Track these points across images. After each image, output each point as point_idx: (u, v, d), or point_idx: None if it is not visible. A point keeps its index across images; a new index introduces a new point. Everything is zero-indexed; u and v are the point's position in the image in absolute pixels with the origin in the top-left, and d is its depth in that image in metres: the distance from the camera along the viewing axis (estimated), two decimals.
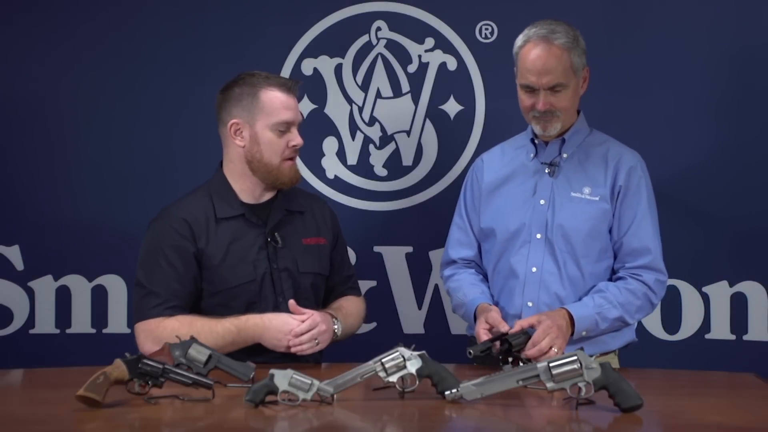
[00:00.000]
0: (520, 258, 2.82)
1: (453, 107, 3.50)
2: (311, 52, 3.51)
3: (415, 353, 2.31)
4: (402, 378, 2.30)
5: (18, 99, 3.54)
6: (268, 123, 2.79)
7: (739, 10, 3.39)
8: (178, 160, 3.52)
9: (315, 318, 2.72)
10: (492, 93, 3.47)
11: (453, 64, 3.49)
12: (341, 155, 3.53)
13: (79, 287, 3.53)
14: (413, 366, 2.29)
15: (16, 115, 3.54)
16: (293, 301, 2.74)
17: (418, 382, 2.30)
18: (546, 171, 2.85)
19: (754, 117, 3.39)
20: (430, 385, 2.30)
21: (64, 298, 3.53)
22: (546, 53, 2.74)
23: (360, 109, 3.52)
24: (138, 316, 2.78)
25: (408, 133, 3.52)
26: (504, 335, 2.60)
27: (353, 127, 3.53)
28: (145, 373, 2.27)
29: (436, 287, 3.50)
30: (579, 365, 2.18)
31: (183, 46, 3.51)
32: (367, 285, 3.46)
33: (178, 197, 2.92)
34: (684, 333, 3.43)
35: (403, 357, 2.30)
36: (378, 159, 3.53)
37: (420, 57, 3.50)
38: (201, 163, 3.43)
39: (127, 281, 3.50)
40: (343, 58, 3.51)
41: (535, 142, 2.87)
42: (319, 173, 3.52)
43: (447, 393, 2.26)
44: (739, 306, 3.41)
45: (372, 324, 3.46)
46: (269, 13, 3.51)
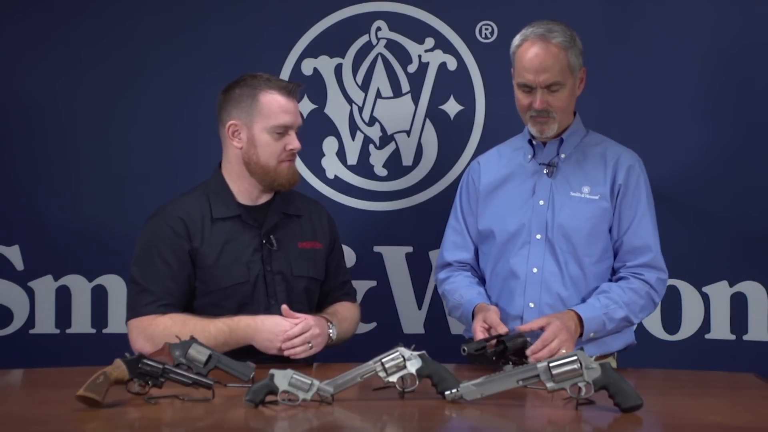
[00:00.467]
0: (520, 259, 2.82)
1: (453, 107, 3.50)
2: (311, 52, 3.51)
3: (415, 353, 2.31)
4: (402, 378, 2.30)
5: (18, 99, 3.54)
6: (265, 126, 2.79)
7: (739, 10, 3.39)
8: (177, 160, 3.52)
9: (308, 321, 2.71)
10: (492, 93, 3.47)
11: (453, 64, 3.49)
12: (341, 155, 3.53)
13: (79, 287, 3.53)
14: (413, 366, 2.29)
15: (16, 115, 3.54)
16: (286, 306, 2.73)
17: (418, 382, 2.30)
18: (544, 171, 2.85)
19: (754, 117, 3.39)
20: (430, 385, 2.30)
21: (64, 298, 3.53)
22: (543, 51, 2.74)
23: (360, 109, 3.52)
24: (131, 312, 2.78)
25: (408, 133, 3.52)
26: (500, 336, 2.59)
27: (353, 127, 3.53)
28: (145, 373, 2.27)
29: (436, 287, 3.49)
30: (579, 365, 2.18)
31: (183, 46, 3.51)
32: (367, 285, 3.47)
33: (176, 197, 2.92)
34: (684, 333, 3.43)
35: (403, 357, 2.30)
36: (378, 159, 3.53)
37: (420, 57, 3.50)
38: (201, 164, 3.43)
39: (127, 281, 3.49)
40: (343, 58, 3.51)
41: (533, 143, 2.87)
42: (319, 173, 3.52)
43: (447, 393, 2.26)
44: (739, 306, 3.41)
45: (372, 324, 3.46)
46: (269, 14, 3.50)
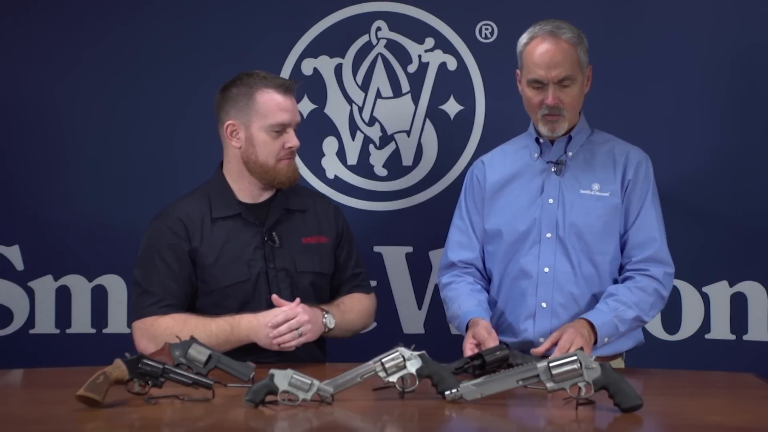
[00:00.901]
0: (531, 259, 2.80)
1: (453, 107, 3.50)
2: (311, 52, 3.51)
3: (415, 353, 2.31)
4: (402, 378, 2.30)
5: (18, 99, 3.54)
6: (263, 125, 2.79)
7: (741, 10, 3.39)
8: (178, 160, 3.52)
9: (295, 309, 2.70)
10: (492, 93, 3.47)
11: (453, 64, 3.48)
12: (341, 155, 3.53)
13: (79, 287, 3.53)
14: (413, 366, 2.29)
15: (16, 115, 3.54)
16: (275, 296, 2.74)
17: (418, 382, 2.30)
18: (552, 170, 2.83)
19: (754, 117, 3.39)
20: (430, 385, 2.30)
21: (64, 298, 3.53)
22: (554, 47, 2.73)
23: (360, 109, 3.52)
24: (135, 314, 2.81)
25: (408, 133, 3.52)
26: (479, 352, 2.53)
27: (353, 127, 3.53)
28: (145, 373, 2.27)
29: (436, 287, 3.49)
30: (579, 365, 2.18)
31: (183, 46, 3.51)
32: None
33: (177, 197, 2.92)
34: (684, 333, 3.43)
35: (403, 357, 2.30)
36: (378, 159, 3.53)
37: (420, 57, 3.50)
38: (201, 164, 3.43)
39: (127, 281, 3.50)
40: (343, 58, 3.51)
41: (540, 141, 2.86)
42: (319, 173, 3.52)
43: (447, 393, 2.26)
44: (739, 306, 3.41)
45: (372, 324, 3.46)
46: (269, 14, 3.50)
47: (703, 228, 3.40)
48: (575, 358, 2.19)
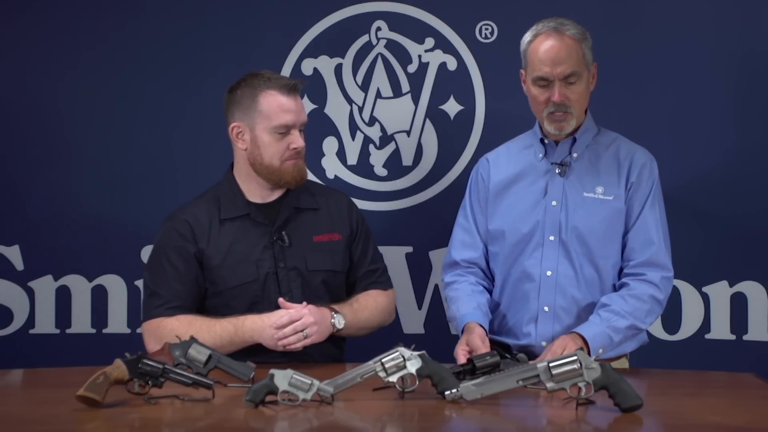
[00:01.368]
0: (534, 261, 2.79)
1: (453, 107, 3.50)
2: (311, 52, 3.50)
3: (415, 353, 2.31)
4: (402, 378, 2.30)
5: (18, 99, 3.54)
6: (267, 126, 2.79)
7: (743, 10, 3.38)
8: (178, 160, 3.52)
9: (300, 310, 2.70)
10: (492, 93, 3.47)
11: (453, 64, 3.48)
12: (341, 155, 3.53)
13: (79, 287, 3.53)
14: (413, 366, 2.29)
15: (16, 116, 3.54)
16: (282, 299, 2.74)
17: (418, 382, 2.30)
18: (557, 171, 2.82)
19: (755, 117, 3.39)
20: (430, 385, 2.30)
21: (64, 298, 3.53)
22: (559, 43, 2.72)
23: (360, 109, 3.52)
24: (143, 315, 2.83)
25: (408, 133, 3.52)
26: (470, 358, 2.52)
27: (353, 127, 3.53)
28: (145, 373, 2.27)
29: (436, 287, 3.49)
30: (579, 365, 2.18)
31: (183, 46, 3.51)
32: None
33: (177, 197, 2.93)
34: (684, 333, 3.43)
35: (403, 357, 2.30)
36: (378, 159, 3.53)
37: (420, 57, 3.49)
38: (201, 164, 3.45)
39: (127, 281, 3.51)
40: (343, 58, 3.51)
41: (545, 141, 2.85)
42: (319, 173, 3.52)
43: (447, 393, 2.26)
44: (739, 306, 3.41)
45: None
46: (269, 14, 3.50)
47: (703, 228, 3.39)
48: (575, 358, 2.19)
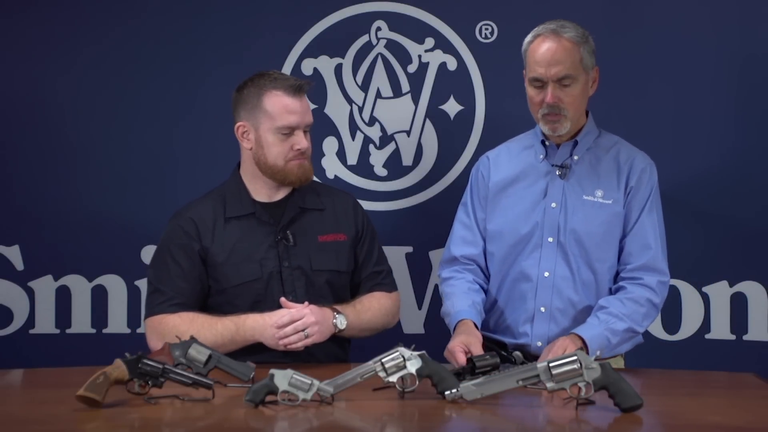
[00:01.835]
0: (531, 262, 2.80)
1: (453, 107, 3.50)
2: (311, 52, 3.50)
3: (415, 353, 2.31)
4: (402, 378, 2.30)
5: (18, 98, 3.54)
6: (271, 126, 2.80)
7: (743, 11, 3.38)
8: (178, 159, 3.52)
9: (302, 310, 2.70)
10: (492, 93, 3.47)
11: (453, 64, 3.48)
12: (341, 155, 3.53)
13: (79, 287, 3.53)
14: (413, 366, 2.29)
15: (16, 115, 3.54)
16: (283, 299, 2.75)
17: (418, 382, 2.30)
18: (557, 173, 2.83)
19: (755, 117, 3.39)
20: (430, 385, 2.30)
21: (64, 298, 3.53)
22: (555, 45, 2.73)
23: (360, 109, 3.52)
24: (146, 312, 2.84)
25: (408, 133, 3.52)
26: (471, 356, 2.52)
27: (353, 127, 3.53)
28: (145, 373, 2.27)
29: (436, 287, 3.49)
30: (579, 365, 2.18)
31: (183, 46, 3.50)
32: None
33: (178, 197, 2.93)
34: (684, 333, 3.43)
35: (403, 357, 2.30)
36: (378, 159, 3.53)
37: (420, 57, 3.49)
38: (202, 164, 3.45)
39: (127, 281, 3.51)
40: (343, 58, 3.51)
41: (546, 143, 2.85)
42: (320, 173, 3.52)
43: (447, 393, 2.26)
44: (739, 306, 3.41)
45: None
46: (269, 13, 3.50)
47: (703, 228, 3.39)
48: (575, 358, 2.19)
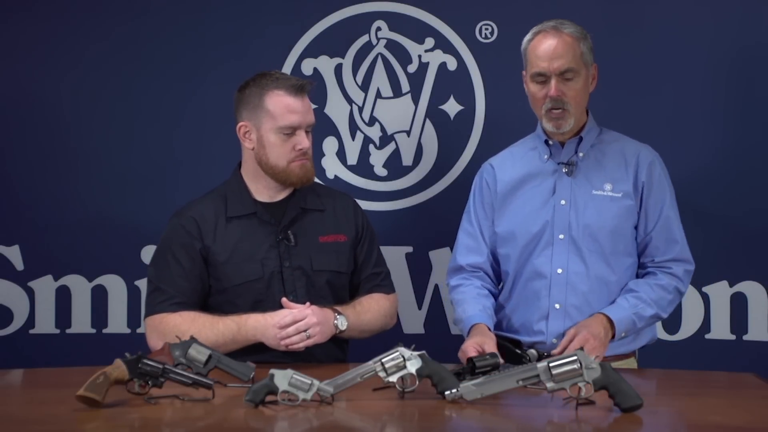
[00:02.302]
0: (544, 260, 2.81)
1: (453, 107, 3.50)
2: (311, 52, 3.50)
3: (415, 353, 2.31)
4: (402, 378, 2.30)
5: (18, 99, 3.54)
6: (272, 127, 2.80)
7: (743, 10, 3.38)
8: (178, 159, 3.52)
9: (304, 311, 2.70)
10: (492, 93, 3.47)
11: (453, 64, 3.48)
12: (341, 155, 3.53)
13: (79, 287, 3.53)
14: (413, 366, 2.29)
15: (16, 115, 3.54)
16: (285, 299, 2.75)
17: (418, 382, 2.30)
18: (564, 171, 2.83)
19: (755, 117, 3.39)
20: (430, 385, 2.30)
21: (64, 298, 3.53)
22: (557, 40, 2.75)
23: (360, 109, 3.52)
24: (146, 310, 2.83)
25: (408, 133, 3.52)
26: (470, 357, 2.52)
27: (353, 127, 3.53)
28: (145, 373, 2.27)
29: (436, 287, 3.50)
30: (579, 365, 2.18)
31: (183, 46, 3.51)
32: None
33: (178, 197, 2.93)
34: (684, 333, 3.43)
35: (403, 357, 2.30)
36: (378, 159, 3.53)
37: (420, 57, 3.50)
38: (202, 164, 3.45)
39: (127, 281, 3.51)
40: (343, 58, 3.51)
41: (549, 142, 2.86)
42: (319, 173, 3.51)
43: (447, 393, 2.26)
44: (739, 306, 3.41)
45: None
46: (269, 13, 3.50)
47: (703, 228, 3.39)
48: (575, 358, 2.19)
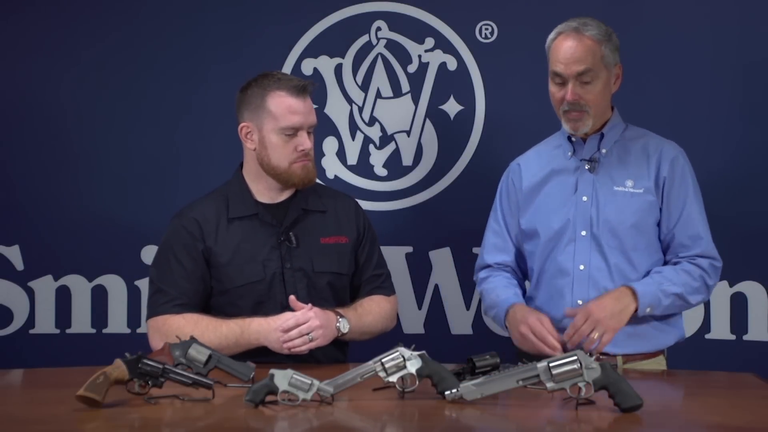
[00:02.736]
0: (566, 257, 2.81)
1: (453, 107, 3.50)
2: (311, 52, 3.51)
3: (415, 353, 2.31)
4: (402, 378, 2.30)
5: (18, 99, 3.54)
6: (274, 127, 2.79)
7: (743, 10, 3.38)
8: (178, 159, 3.52)
9: (307, 314, 2.70)
10: (492, 93, 3.47)
11: (453, 64, 3.48)
12: (341, 155, 3.53)
13: (79, 287, 3.53)
14: (413, 366, 2.29)
15: (16, 115, 3.54)
16: (293, 297, 2.74)
17: (418, 382, 2.30)
18: (586, 167, 2.83)
19: (755, 117, 3.39)
20: (430, 385, 2.30)
21: (64, 298, 3.53)
22: (576, 43, 2.75)
23: (360, 109, 3.52)
24: (149, 312, 2.83)
25: (408, 133, 3.52)
26: (470, 358, 2.49)
27: (353, 127, 3.53)
28: (145, 373, 2.27)
29: (436, 287, 3.50)
30: (579, 365, 2.18)
31: (183, 46, 3.51)
32: None
33: (178, 197, 2.93)
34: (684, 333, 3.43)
35: (403, 357, 2.30)
36: (378, 159, 3.53)
37: (420, 57, 3.50)
38: (202, 164, 3.45)
39: (127, 281, 3.51)
40: (343, 58, 3.51)
41: (572, 139, 2.86)
42: (319, 173, 3.50)
43: (447, 393, 2.26)
44: (739, 306, 3.41)
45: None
46: (269, 13, 3.50)
47: None
48: (575, 358, 2.19)
